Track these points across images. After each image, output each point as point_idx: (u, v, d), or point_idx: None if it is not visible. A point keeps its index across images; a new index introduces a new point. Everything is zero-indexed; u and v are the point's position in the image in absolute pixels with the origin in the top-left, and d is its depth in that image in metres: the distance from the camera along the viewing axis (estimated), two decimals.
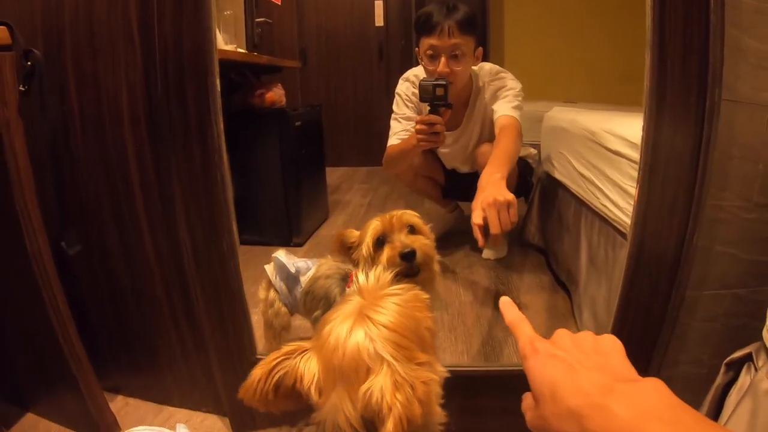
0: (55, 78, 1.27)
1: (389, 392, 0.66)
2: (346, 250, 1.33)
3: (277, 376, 0.75)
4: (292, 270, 1.50)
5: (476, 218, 1.40)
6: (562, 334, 0.55)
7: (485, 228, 1.40)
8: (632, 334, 1.25)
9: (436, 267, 1.33)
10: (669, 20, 1.06)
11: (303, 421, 0.84)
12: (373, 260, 1.25)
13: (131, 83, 1.23)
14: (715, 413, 1.08)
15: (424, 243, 1.26)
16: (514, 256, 2.50)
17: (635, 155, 1.41)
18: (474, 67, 2.18)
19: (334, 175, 4.04)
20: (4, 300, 1.39)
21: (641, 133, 1.13)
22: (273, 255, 1.54)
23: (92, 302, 1.49)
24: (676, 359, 1.34)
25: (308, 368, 0.74)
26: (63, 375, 1.38)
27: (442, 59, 1.99)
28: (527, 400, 0.53)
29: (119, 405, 1.57)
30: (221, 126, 1.18)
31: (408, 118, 2.22)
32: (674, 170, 1.12)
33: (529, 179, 2.58)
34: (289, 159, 2.64)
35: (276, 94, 2.67)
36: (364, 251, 1.27)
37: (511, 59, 4.00)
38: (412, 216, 1.29)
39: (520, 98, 2.10)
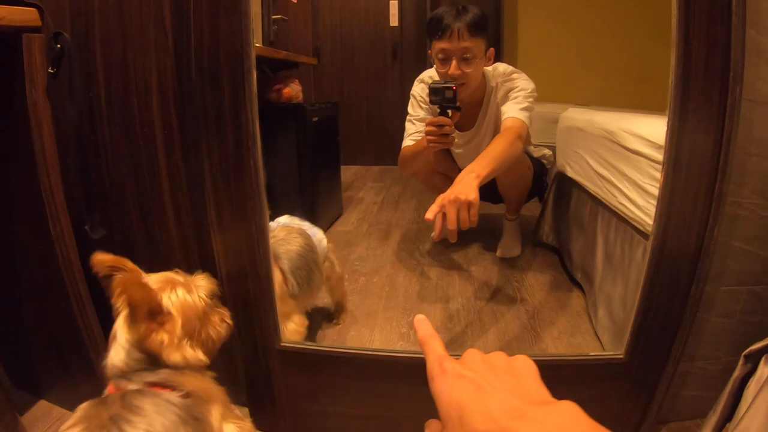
0: (83, 62, 1.28)
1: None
2: None
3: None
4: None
5: (428, 213, 1.43)
6: (472, 353, 0.52)
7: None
8: (652, 329, 1.25)
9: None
10: (693, 19, 1.06)
11: None
12: None
13: (161, 68, 1.24)
14: (732, 405, 1.09)
15: None
16: (528, 255, 2.51)
17: (654, 154, 1.42)
18: (488, 68, 2.18)
19: (347, 172, 4.07)
20: (25, 284, 1.40)
21: (665, 129, 1.13)
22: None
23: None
24: (692, 354, 1.35)
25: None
26: (80, 362, 1.39)
27: (454, 62, 2.00)
28: (433, 425, 0.50)
29: None
30: (256, 110, 1.19)
31: (422, 120, 2.22)
32: (696, 166, 1.13)
33: (543, 179, 2.59)
34: (306, 154, 2.66)
35: (293, 90, 2.69)
36: None
37: (524, 61, 4.01)
38: None
39: (531, 99, 2.10)
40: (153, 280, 1.04)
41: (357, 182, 4.07)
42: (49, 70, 1.20)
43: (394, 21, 4.67)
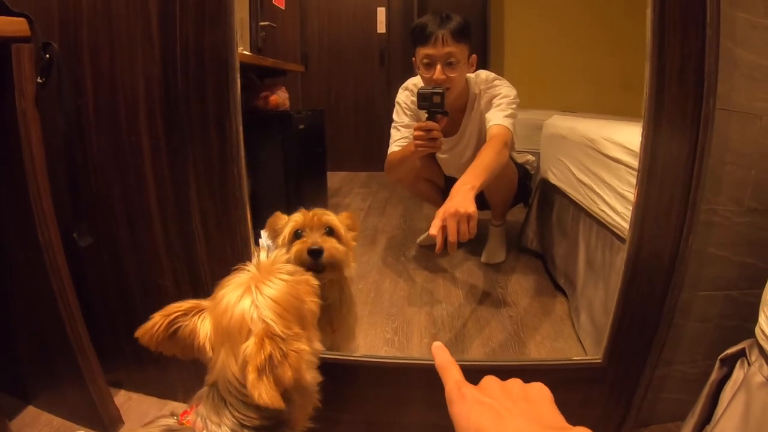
0: (71, 72, 1.29)
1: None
2: (275, 232, 1.39)
3: (174, 327, 0.85)
4: None
5: (432, 228, 1.47)
6: (490, 380, 0.54)
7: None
8: (629, 333, 1.27)
9: (347, 271, 1.38)
10: (667, 31, 1.09)
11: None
12: (287, 250, 1.31)
13: (148, 77, 1.25)
14: (710, 409, 1.11)
15: (333, 246, 1.31)
16: (512, 260, 2.52)
17: (633, 162, 1.45)
18: (471, 75, 2.20)
19: (334, 178, 4.05)
20: (13, 290, 1.40)
21: (640, 139, 1.16)
22: None
23: (98, 294, 1.50)
24: (671, 358, 1.37)
25: (203, 326, 0.85)
26: (68, 367, 1.38)
27: (438, 67, 2.02)
28: None
29: (122, 399, 1.57)
30: (240, 119, 1.21)
31: (407, 126, 2.24)
32: (671, 174, 1.16)
33: (527, 185, 2.61)
34: (292, 161, 2.65)
35: (280, 97, 2.69)
36: (280, 240, 1.33)
37: (511, 68, 4.01)
38: (332, 218, 1.34)
39: (513, 106, 2.12)
40: (234, 286, 0.85)
41: (344, 188, 4.06)
42: (38, 80, 1.21)
43: (381, 28, 4.66)
